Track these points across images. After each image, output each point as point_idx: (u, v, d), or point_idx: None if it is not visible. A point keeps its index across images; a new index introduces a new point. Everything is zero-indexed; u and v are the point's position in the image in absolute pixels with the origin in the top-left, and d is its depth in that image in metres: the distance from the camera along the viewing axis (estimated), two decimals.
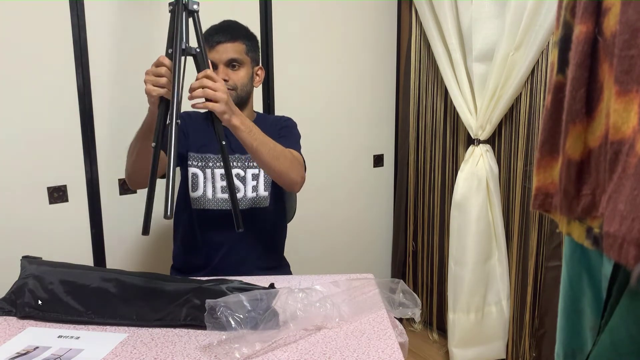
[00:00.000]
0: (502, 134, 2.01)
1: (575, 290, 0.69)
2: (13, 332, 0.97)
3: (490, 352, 2.08)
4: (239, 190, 1.43)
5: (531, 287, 1.93)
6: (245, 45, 1.41)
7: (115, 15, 1.68)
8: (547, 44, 1.75)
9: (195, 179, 1.44)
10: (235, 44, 1.39)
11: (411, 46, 2.30)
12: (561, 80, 0.65)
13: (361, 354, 0.89)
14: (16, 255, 1.14)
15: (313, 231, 2.25)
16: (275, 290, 0.98)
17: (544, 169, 0.68)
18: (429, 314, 2.43)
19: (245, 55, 1.41)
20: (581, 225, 0.63)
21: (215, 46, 1.37)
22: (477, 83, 1.96)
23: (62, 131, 1.65)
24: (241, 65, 1.40)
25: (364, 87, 2.31)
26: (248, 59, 1.42)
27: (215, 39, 1.38)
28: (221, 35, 1.38)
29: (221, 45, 1.37)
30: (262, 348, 0.89)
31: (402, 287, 1.07)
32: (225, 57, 1.38)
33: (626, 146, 0.52)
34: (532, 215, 1.90)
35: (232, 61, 1.39)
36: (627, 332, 0.55)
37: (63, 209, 1.68)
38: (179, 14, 1.05)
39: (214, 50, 1.38)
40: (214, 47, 1.38)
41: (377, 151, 2.43)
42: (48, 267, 1.06)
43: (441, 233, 2.31)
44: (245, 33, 1.44)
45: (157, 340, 0.94)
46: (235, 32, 1.41)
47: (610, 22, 0.56)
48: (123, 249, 1.81)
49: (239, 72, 1.40)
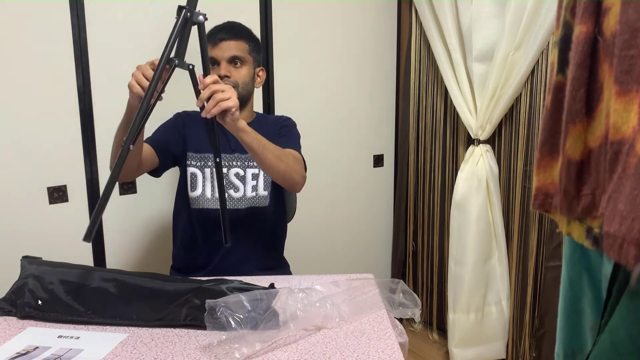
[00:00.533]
0: (502, 134, 2.01)
1: (575, 290, 0.69)
2: (13, 332, 0.97)
3: (490, 352, 2.08)
4: (238, 190, 1.43)
5: (531, 287, 1.93)
6: (248, 45, 1.42)
7: (115, 15, 1.68)
8: (547, 44, 1.75)
9: (194, 178, 1.44)
10: (239, 42, 1.40)
11: (411, 46, 2.30)
12: (561, 80, 0.65)
13: (361, 354, 0.89)
14: (16, 255, 1.14)
15: (313, 231, 2.25)
16: (275, 290, 0.98)
17: (544, 169, 0.68)
18: (429, 314, 2.43)
19: (247, 54, 1.42)
20: (581, 225, 0.63)
21: (218, 43, 1.39)
22: (477, 83, 1.96)
23: (62, 131, 1.65)
24: (243, 63, 1.41)
25: (364, 87, 2.31)
26: (250, 58, 1.43)
27: (218, 36, 1.39)
28: (225, 32, 1.40)
29: (224, 42, 1.39)
30: (262, 348, 0.89)
31: (402, 287, 1.07)
32: (228, 54, 1.39)
33: (626, 146, 0.52)
34: (532, 215, 1.90)
35: (235, 58, 1.40)
36: (627, 332, 0.55)
37: (63, 209, 1.68)
38: (177, 24, 1.05)
39: (217, 47, 1.39)
40: (217, 44, 1.39)
41: (377, 151, 2.43)
42: (48, 267, 1.06)
43: (441, 233, 2.31)
44: (249, 34, 1.45)
45: (157, 340, 0.94)
46: (238, 31, 1.42)
47: (610, 22, 0.56)
48: (123, 249, 1.81)
49: (241, 70, 1.41)
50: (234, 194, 1.44)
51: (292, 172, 1.31)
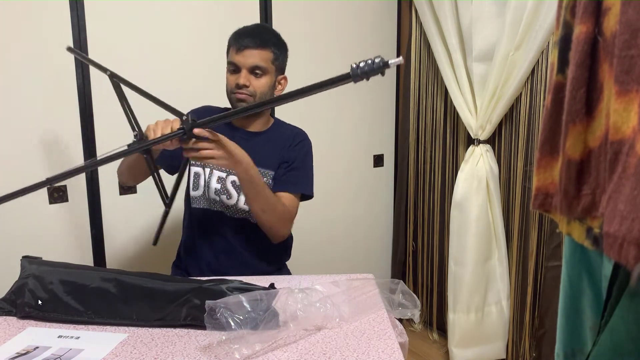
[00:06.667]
0: (502, 134, 2.01)
1: (575, 290, 0.69)
2: (13, 332, 0.97)
3: (490, 352, 2.08)
4: (231, 197, 1.41)
5: (531, 287, 1.93)
6: (272, 54, 1.37)
7: (115, 15, 1.68)
8: (547, 44, 1.75)
9: (196, 178, 1.44)
10: (263, 51, 1.35)
11: (411, 46, 2.30)
12: (561, 80, 0.65)
13: (361, 354, 0.89)
14: (16, 255, 1.14)
15: (313, 231, 2.25)
16: (275, 290, 0.98)
17: (544, 169, 0.68)
18: (429, 314, 2.43)
19: (270, 64, 1.37)
20: (581, 225, 0.63)
21: (242, 50, 1.34)
22: (477, 83, 1.96)
23: (62, 131, 1.65)
24: (264, 73, 1.36)
25: (364, 87, 2.31)
26: (273, 67, 1.38)
27: (244, 42, 1.34)
28: (250, 39, 1.35)
29: (248, 50, 1.34)
30: (262, 348, 0.89)
31: (402, 287, 1.07)
32: (250, 63, 1.34)
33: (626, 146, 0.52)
34: (532, 215, 1.90)
35: (256, 68, 1.35)
36: (627, 332, 0.55)
37: (63, 209, 1.68)
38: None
39: (240, 54, 1.34)
40: (241, 51, 1.34)
41: (377, 151, 2.43)
42: (48, 267, 1.06)
43: (441, 233, 2.31)
44: (276, 40, 1.39)
45: (157, 340, 0.94)
46: (265, 39, 1.36)
47: (610, 22, 0.56)
48: (123, 249, 1.81)
49: (261, 80, 1.36)
50: (226, 200, 1.41)
51: (270, 228, 1.37)
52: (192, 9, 1.82)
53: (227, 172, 1.41)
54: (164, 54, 1.78)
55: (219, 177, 1.41)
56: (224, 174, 1.41)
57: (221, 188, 1.41)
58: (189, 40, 1.84)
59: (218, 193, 1.41)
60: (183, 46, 1.82)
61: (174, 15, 1.79)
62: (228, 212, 1.41)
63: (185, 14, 1.81)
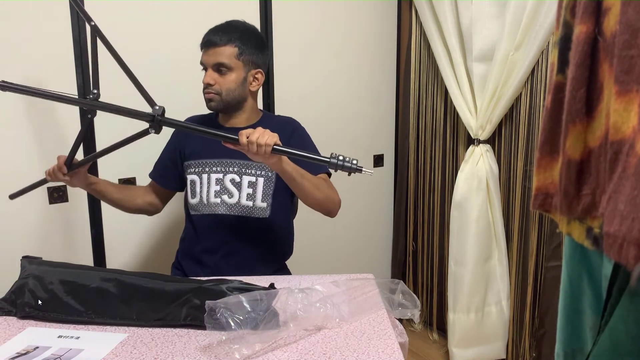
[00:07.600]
0: (502, 134, 2.01)
1: (575, 290, 0.69)
2: (13, 332, 0.97)
3: (490, 352, 2.08)
4: (232, 196, 1.41)
5: (531, 287, 1.93)
6: (237, 49, 1.35)
7: (114, 15, 1.68)
8: (547, 44, 1.75)
9: (193, 186, 1.44)
10: (226, 47, 1.34)
11: (411, 46, 2.30)
12: (561, 80, 0.65)
13: (361, 354, 0.89)
14: (16, 255, 1.14)
15: (313, 231, 2.25)
16: (275, 290, 0.98)
17: (544, 169, 0.68)
18: (429, 314, 2.43)
19: (235, 59, 1.35)
20: (581, 225, 0.63)
21: (206, 48, 1.36)
22: (477, 83, 1.96)
23: (62, 131, 1.65)
24: (230, 70, 1.35)
25: (364, 87, 2.31)
26: (239, 63, 1.36)
27: (206, 40, 1.36)
28: (213, 37, 1.35)
29: (211, 49, 1.35)
30: (262, 348, 0.89)
31: (402, 287, 1.07)
32: (213, 61, 1.35)
33: (626, 146, 0.52)
34: (532, 215, 1.90)
35: (220, 65, 1.35)
36: (627, 332, 0.55)
37: (63, 209, 1.68)
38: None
39: (204, 53, 1.37)
40: (205, 50, 1.36)
41: (377, 151, 2.43)
42: (48, 267, 1.06)
43: (441, 233, 2.31)
44: (241, 35, 1.37)
45: (157, 340, 0.94)
46: (229, 35, 1.35)
47: (610, 22, 0.56)
48: (123, 249, 1.81)
49: (227, 77, 1.36)
50: (228, 199, 1.41)
51: (329, 202, 1.38)
52: (192, 10, 1.81)
53: (223, 172, 1.42)
54: (164, 54, 1.78)
55: (217, 178, 1.41)
56: (221, 174, 1.42)
57: (221, 189, 1.41)
58: (189, 40, 1.83)
59: (218, 194, 1.41)
60: (183, 46, 1.82)
61: (174, 16, 1.79)
62: (230, 211, 1.42)
63: (185, 14, 1.81)
